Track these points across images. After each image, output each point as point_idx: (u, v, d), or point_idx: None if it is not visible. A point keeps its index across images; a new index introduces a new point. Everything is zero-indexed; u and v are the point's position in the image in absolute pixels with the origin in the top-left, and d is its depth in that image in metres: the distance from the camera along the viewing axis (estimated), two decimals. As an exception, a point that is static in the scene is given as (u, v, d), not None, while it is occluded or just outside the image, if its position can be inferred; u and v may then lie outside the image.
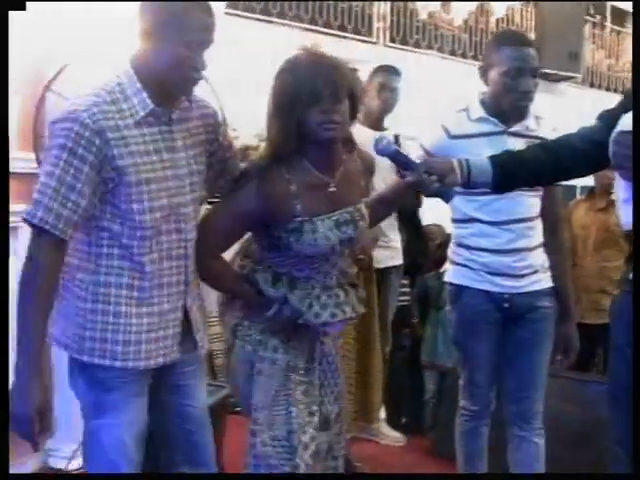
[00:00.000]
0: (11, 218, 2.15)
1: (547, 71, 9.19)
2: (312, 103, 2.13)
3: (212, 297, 2.44)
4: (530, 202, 2.79)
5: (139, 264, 2.07)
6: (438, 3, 9.91)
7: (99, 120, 1.97)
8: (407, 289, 4.67)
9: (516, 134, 2.80)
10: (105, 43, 3.14)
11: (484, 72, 2.84)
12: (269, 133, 2.24)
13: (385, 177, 2.98)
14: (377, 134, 2.23)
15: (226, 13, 6.96)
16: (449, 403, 3.55)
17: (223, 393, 3.39)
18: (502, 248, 2.79)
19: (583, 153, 2.27)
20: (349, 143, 2.32)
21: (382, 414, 4.27)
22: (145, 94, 2.05)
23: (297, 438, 2.24)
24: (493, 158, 2.30)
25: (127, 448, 2.11)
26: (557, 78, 9.83)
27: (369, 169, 2.43)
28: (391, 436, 4.26)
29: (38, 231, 1.97)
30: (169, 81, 2.05)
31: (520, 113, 2.81)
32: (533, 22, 9.89)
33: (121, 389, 2.10)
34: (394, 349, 4.43)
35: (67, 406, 3.33)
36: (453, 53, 9.70)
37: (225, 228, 2.27)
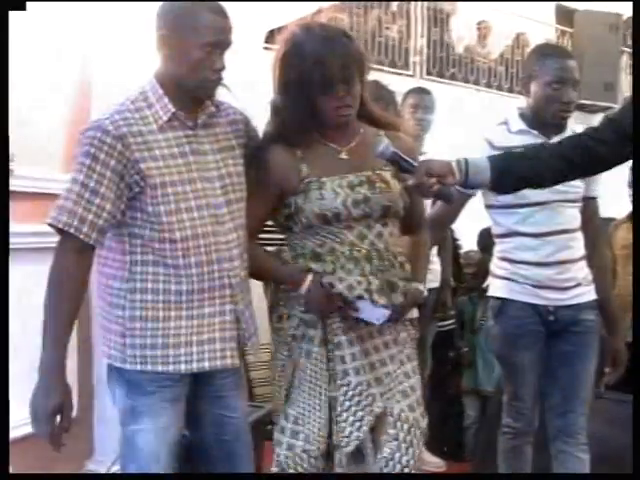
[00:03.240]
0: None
1: (584, 102, 9.13)
2: (327, 89, 2.15)
3: (265, 323, 2.38)
4: (570, 213, 2.77)
5: (174, 268, 2.08)
6: (474, 37, 9.97)
7: (121, 126, 2.03)
8: (451, 312, 4.60)
9: (556, 146, 2.79)
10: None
11: (525, 84, 2.87)
12: (278, 111, 2.24)
13: None
14: (380, 138, 2.21)
15: (265, 48, 7.05)
16: (490, 428, 3.48)
17: (260, 413, 3.37)
18: (545, 260, 2.77)
19: (587, 150, 2.23)
20: (366, 117, 2.31)
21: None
22: (167, 99, 2.10)
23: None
24: (492, 157, 2.27)
25: (161, 454, 2.12)
26: (594, 109, 9.78)
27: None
28: (432, 462, 4.19)
29: (63, 235, 2.02)
30: (189, 84, 2.09)
31: (561, 124, 2.81)
32: (570, 54, 9.90)
33: (158, 394, 2.11)
34: (434, 374, 4.37)
35: (107, 426, 3.37)
36: (489, 85, 9.71)
37: (249, 203, 2.24)
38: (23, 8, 2.29)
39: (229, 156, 2.21)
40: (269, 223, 2.39)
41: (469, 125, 3.26)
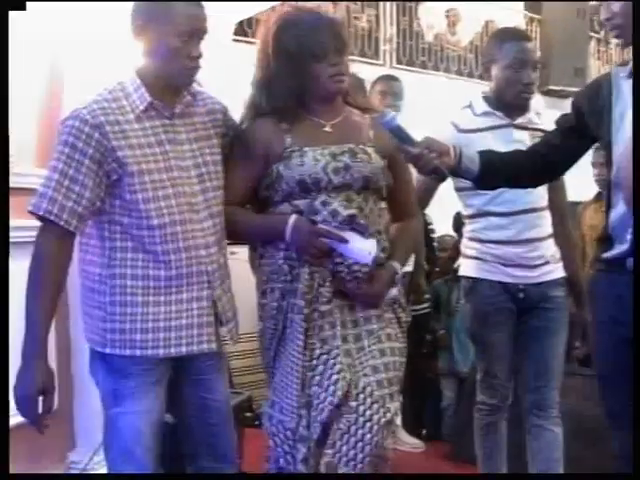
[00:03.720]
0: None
1: (554, 87, 9.24)
2: (322, 57, 2.20)
3: (242, 313, 2.41)
4: (537, 191, 2.83)
5: (153, 254, 2.13)
6: (444, 25, 10.01)
7: (98, 115, 2.08)
8: (426, 295, 4.65)
9: (521, 126, 2.87)
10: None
11: (487, 69, 2.94)
12: (266, 90, 2.28)
13: None
14: (387, 110, 2.26)
15: (234, 40, 7.05)
16: (467, 409, 3.55)
17: (239, 399, 3.41)
18: (514, 239, 2.83)
19: (544, 157, 2.36)
20: (348, 95, 2.36)
21: (399, 421, 4.26)
22: (144, 89, 2.15)
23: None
24: (481, 153, 2.34)
25: (143, 436, 2.15)
26: (564, 94, 9.86)
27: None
28: (410, 442, 4.26)
29: (43, 222, 2.07)
30: (167, 73, 2.14)
31: (523, 105, 2.89)
32: (538, 40, 9.96)
33: (139, 377, 2.15)
34: (411, 357, 4.41)
35: (87, 418, 3.40)
36: (460, 73, 9.77)
37: (234, 172, 2.30)
38: (23, 8, 2.31)
39: (206, 145, 2.25)
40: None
41: (441, 112, 3.30)
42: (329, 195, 2.21)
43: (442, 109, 2.69)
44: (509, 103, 2.87)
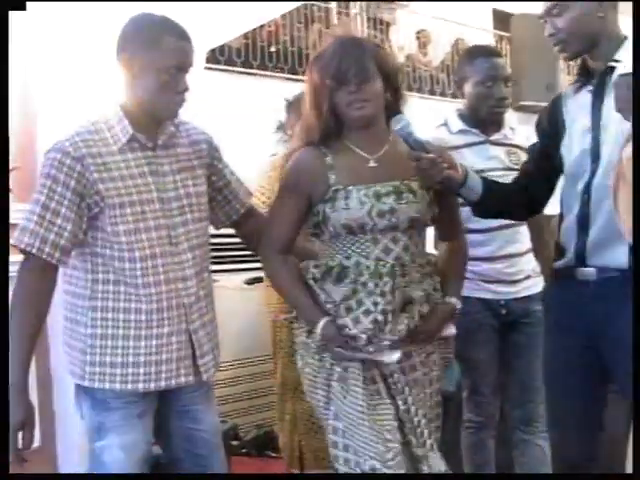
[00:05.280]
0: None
1: (526, 103, 9.30)
2: (339, 85, 2.18)
3: (226, 340, 2.39)
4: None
5: (134, 287, 2.11)
6: (415, 46, 10.11)
7: (80, 148, 2.08)
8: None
9: (496, 142, 2.89)
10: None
11: (459, 86, 2.97)
12: (306, 122, 2.28)
13: None
14: (400, 115, 2.23)
15: (206, 68, 7.07)
16: (453, 427, 3.54)
17: (225, 427, 3.38)
18: (493, 255, 2.85)
19: (526, 189, 2.40)
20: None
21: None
22: (126, 122, 2.14)
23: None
24: (484, 179, 2.35)
25: (128, 470, 2.13)
26: (536, 109, 9.95)
27: None
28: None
29: (26, 255, 2.06)
30: (153, 105, 2.14)
31: (497, 121, 2.92)
32: (509, 57, 10.06)
33: (123, 410, 2.13)
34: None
35: (70, 454, 3.35)
36: (432, 92, 9.84)
37: (279, 212, 2.28)
38: (23, 8, 2.30)
39: (189, 176, 2.23)
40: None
41: (415, 131, 3.33)
42: (375, 236, 2.18)
43: (416, 128, 2.69)
44: (483, 119, 2.89)
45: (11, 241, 2.05)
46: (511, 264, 2.86)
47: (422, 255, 2.28)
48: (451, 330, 2.29)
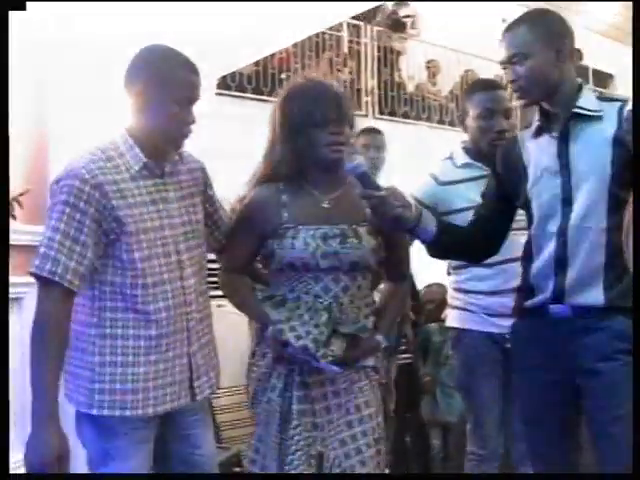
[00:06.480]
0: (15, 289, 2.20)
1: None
2: (321, 125, 2.26)
3: (221, 367, 2.41)
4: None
5: (144, 314, 2.13)
6: (424, 75, 10.16)
7: (97, 175, 2.09)
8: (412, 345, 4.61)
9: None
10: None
11: (462, 121, 3.00)
12: (270, 157, 2.36)
13: None
14: (354, 155, 2.31)
15: (218, 94, 7.12)
16: (456, 456, 3.54)
17: (228, 454, 3.39)
18: (499, 289, 2.84)
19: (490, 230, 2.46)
20: None
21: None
22: (137, 149, 2.17)
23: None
24: (440, 220, 2.40)
25: (134, 477, 2.13)
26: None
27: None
28: (401, 495, 4.21)
29: (46, 283, 2.04)
30: (162, 136, 2.18)
31: None
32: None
33: (129, 436, 2.13)
34: (397, 407, 4.39)
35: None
36: (442, 122, 9.89)
37: (234, 240, 2.40)
38: (23, 8, 2.32)
39: (190, 203, 2.28)
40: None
41: (424, 161, 3.35)
42: (317, 275, 2.28)
43: (425, 158, 2.73)
44: (486, 153, 2.90)
45: (31, 269, 2.04)
46: (516, 298, 2.85)
47: (363, 297, 2.37)
48: (370, 361, 2.38)
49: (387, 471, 4.01)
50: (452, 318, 3.00)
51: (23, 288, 2.76)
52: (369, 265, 2.35)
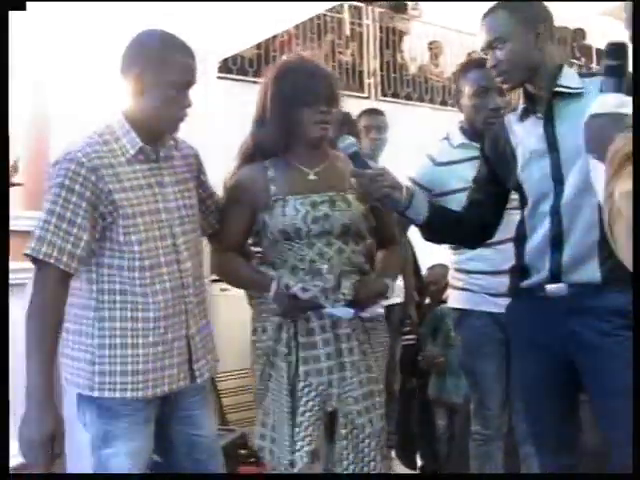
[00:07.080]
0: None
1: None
2: (312, 104, 2.31)
3: (225, 351, 2.43)
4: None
5: (142, 296, 2.15)
6: (427, 57, 10.13)
7: (93, 159, 2.10)
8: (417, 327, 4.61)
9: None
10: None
11: (457, 100, 2.98)
12: (258, 132, 2.41)
13: None
14: (345, 135, 2.34)
15: (219, 77, 7.10)
16: (461, 437, 3.54)
17: (233, 436, 3.40)
18: (499, 269, 2.82)
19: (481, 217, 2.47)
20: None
21: (393, 453, 4.24)
22: (134, 134, 2.18)
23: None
24: (432, 203, 2.42)
25: (134, 477, 2.15)
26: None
27: None
28: (406, 474, 4.23)
29: (42, 266, 2.06)
30: (159, 120, 2.19)
31: None
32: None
33: (130, 417, 2.15)
34: (402, 387, 4.41)
35: (79, 460, 3.36)
36: (444, 103, 9.86)
37: (226, 219, 2.42)
38: (23, 8, 2.32)
39: (185, 188, 2.30)
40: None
41: (426, 143, 3.34)
42: (311, 241, 2.32)
43: (428, 140, 2.72)
44: (481, 131, 2.88)
45: (26, 251, 2.05)
46: (518, 277, 2.85)
47: (359, 264, 2.39)
48: (379, 309, 2.44)
49: (393, 452, 4.08)
50: (453, 299, 3.00)
51: (26, 274, 2.77)
52: (360, 230, 2.39)
